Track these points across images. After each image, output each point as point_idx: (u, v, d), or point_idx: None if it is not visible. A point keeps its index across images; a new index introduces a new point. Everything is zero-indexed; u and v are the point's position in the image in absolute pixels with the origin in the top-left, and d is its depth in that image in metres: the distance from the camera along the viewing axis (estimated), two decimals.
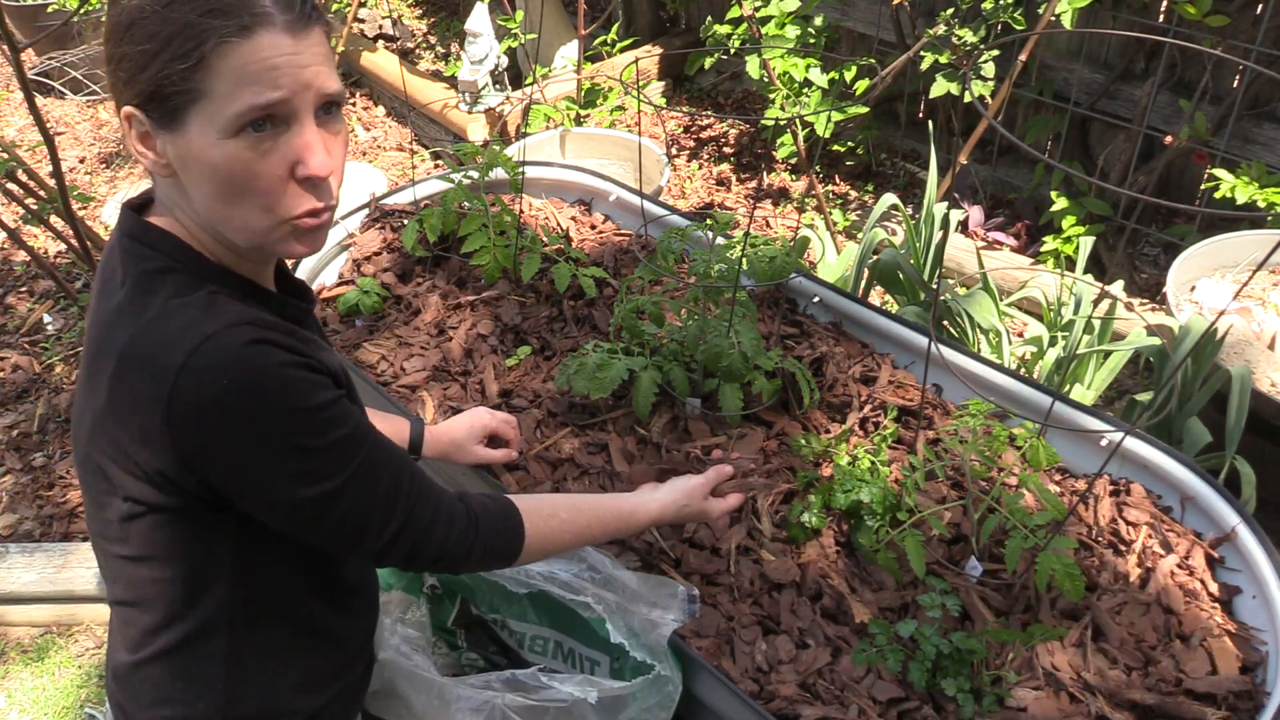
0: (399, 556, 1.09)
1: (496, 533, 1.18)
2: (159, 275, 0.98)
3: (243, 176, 0.94)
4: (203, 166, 0.94)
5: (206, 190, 0.96)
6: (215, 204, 0.96)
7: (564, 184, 2.39)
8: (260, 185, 0.95)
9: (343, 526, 1.03)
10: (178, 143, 0.94)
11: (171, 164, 0.97)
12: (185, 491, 0.97)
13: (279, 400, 0.94)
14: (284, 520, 1.01)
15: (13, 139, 4.50)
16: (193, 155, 0.94)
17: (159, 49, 0.91)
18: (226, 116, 0.92)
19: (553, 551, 1.26)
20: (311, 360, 0.98)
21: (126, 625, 1.12)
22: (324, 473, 0.99)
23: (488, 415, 1.59)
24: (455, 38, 5.28)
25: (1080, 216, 3.25)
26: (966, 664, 1.30)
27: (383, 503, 1.05)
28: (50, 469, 2.87)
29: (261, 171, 0.94)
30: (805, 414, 1.71)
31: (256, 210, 0.96)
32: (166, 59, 0.91)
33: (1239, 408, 2.00)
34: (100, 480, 1.01)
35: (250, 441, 0.94)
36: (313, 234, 1.01)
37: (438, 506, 1.12)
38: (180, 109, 0.92)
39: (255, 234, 0.98)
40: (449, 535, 1.12)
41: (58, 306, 3.51)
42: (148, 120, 0.95)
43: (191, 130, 0.93)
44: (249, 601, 1.07)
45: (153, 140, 0.96)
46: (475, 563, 1.17)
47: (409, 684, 1.38)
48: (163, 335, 0.93)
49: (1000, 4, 2.99)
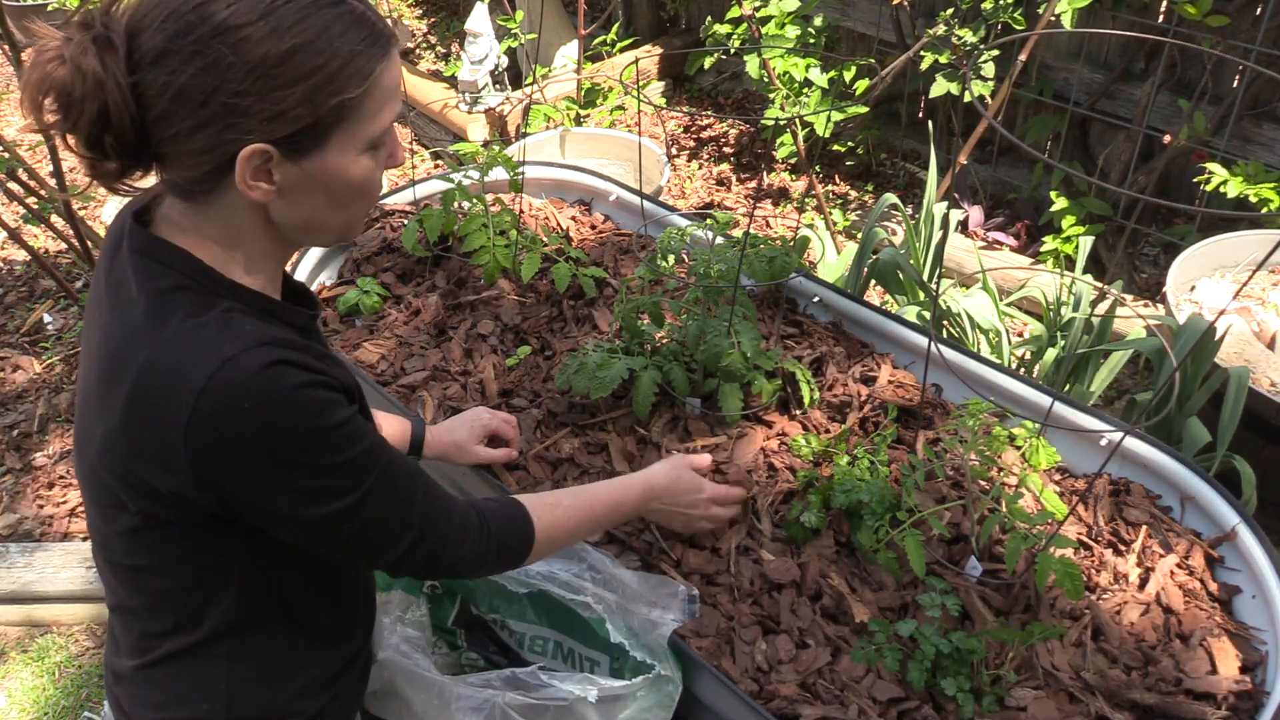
0: (416, 566, 1.10)
1: (509, 533, 1.19)
2: (173, 293, 0.97)
3: (371, 184, 1.01)
4: (337, 184, 0.98)
5: (320, 203, 0.99)
6: (328, 213, 1.01)
7: (564, 184, 2.39)
8: (376, 188, 1.03)
9: (360, 540, 1.04)
10: (307, 167, 0.96)
11: (281, 188, 0.97)
12: (198, 508, 0.98)
13: (298, 422, 0.94)
14: (301, 536, 1.02)
15: (13, 139, 4.49)
16: (329, 175, 0.97)
17: (324, 82, 0.92)
18: (373, 133, 0.98)
19: (563, 541, 1.28)
20: (328, 378, 0.98)
21: (129, 629, 1.12)
22: (342, 489, 1.00)
23: (488, 415, 1.59)
24: (455, 38, 5.28)
25: (1080, 216, 3.25)
26: (966, 664, 1.30)
27: (399, 515, 1.06)
28: (50, 469, 2.87)
29: (380, 177, 1.03)
30: (805, 414, 1.71)
31: (364, 210, 1.05)
32: (337, 88, 0.93)
33: (1234, 407, 2.00)
34: (107, 495, 1.01)
35: (270, 463, 0.95)
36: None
37: (450, 515, 1.12)
38: (325, 134, 0.95)
39: (352, 229, 1.06)
40: (464, 542, 1.13)
41: (58, 306, 3.51)
42: (276, 152, 0.93)
43: (331, 152, 0.96)
44: (253, 607, 1.07)
45: (267, 172, 0.95)
46: (490, 566, 1.18)
47: (409, 683, 1.38)
48: (181, 357, 0.93)
49: (1000, 4, 2.99)
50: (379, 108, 0.97)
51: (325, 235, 1.05)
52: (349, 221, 1.05)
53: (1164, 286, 2.51)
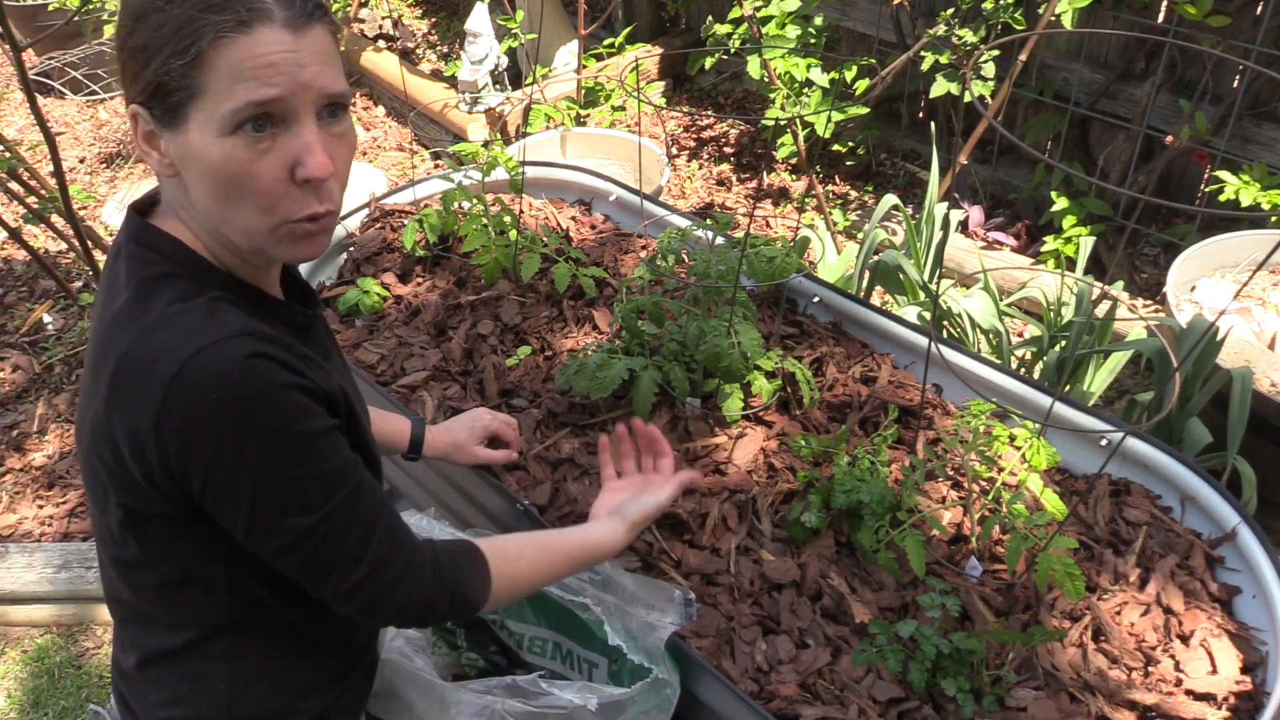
0: (358, 606, 1.03)
1: (460, 583, 1.11)
2: (161, 280, 0.97)
3: (240, 176, 0.92)
4: (201, 165, 0.93)
5: (205, 190, 0.94)
6: (214, 204, 0.95)
7: (564, 184, 2.39)
8: (258, 186, 0.93)
9: (308, 564, 0.99)
10: (178, 141, 0.93)
11: (175, 163, 0.96)
12: (173, 500, 0.96)
13: (268, 420, 0.92)
14: (252, 543, 0.99)
15: (13, 139, 4.50)
16: (192, 154, 0.93)
17: (160, 45, 0.90)
18: (223, 114, 0.90)
19: (522, 593, 1.21)
20: (309, 383, 0.95)
21: (127, 627, 1.12)
22: (299, 505, 0.96)
23: (489, 416, 1.59)
24: (455, 38, 5.28)
25: (1080, 216, 3.25)
26: (966, 664, 1.30)
27: (352, 549, 1.00)
28: (50, 469, 2.87)
29: (259, 172, 0.92)
30: (805, 414, 1.71)
31: (254, 212, 0.94)
32: (167, 55, 0.90)
33: (1240, 408, 2.00)
34: (98, 484, 1.01)
35: (232, 459, 0.92)
36: (312, 239, 0.98)
37: (407, 562, 1.06)
38: (181, 106, 0.92)
39: (253, 236, 0.96)
40: (412, 594, 1.06)
41: (58, 306, 3.51)
42: (151, 118, 0.94)
43: (191, 128, 0.92)
44: (247, 606, 1.07)
45: (157, 139, 0.95)
46: (439, 617, 1.11)
47: (410, 686, 1.38)
48: (160, 342, 0.92)
49: (1000, 4, 2.99)
50: (227, 86, 0.89)
51: (232, 234, 0.97)
52: (243, 224, 0.95)
53: (1164, 286, 2.51)
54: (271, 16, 0.90)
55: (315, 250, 1.00)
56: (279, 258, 0.99)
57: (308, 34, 0.93)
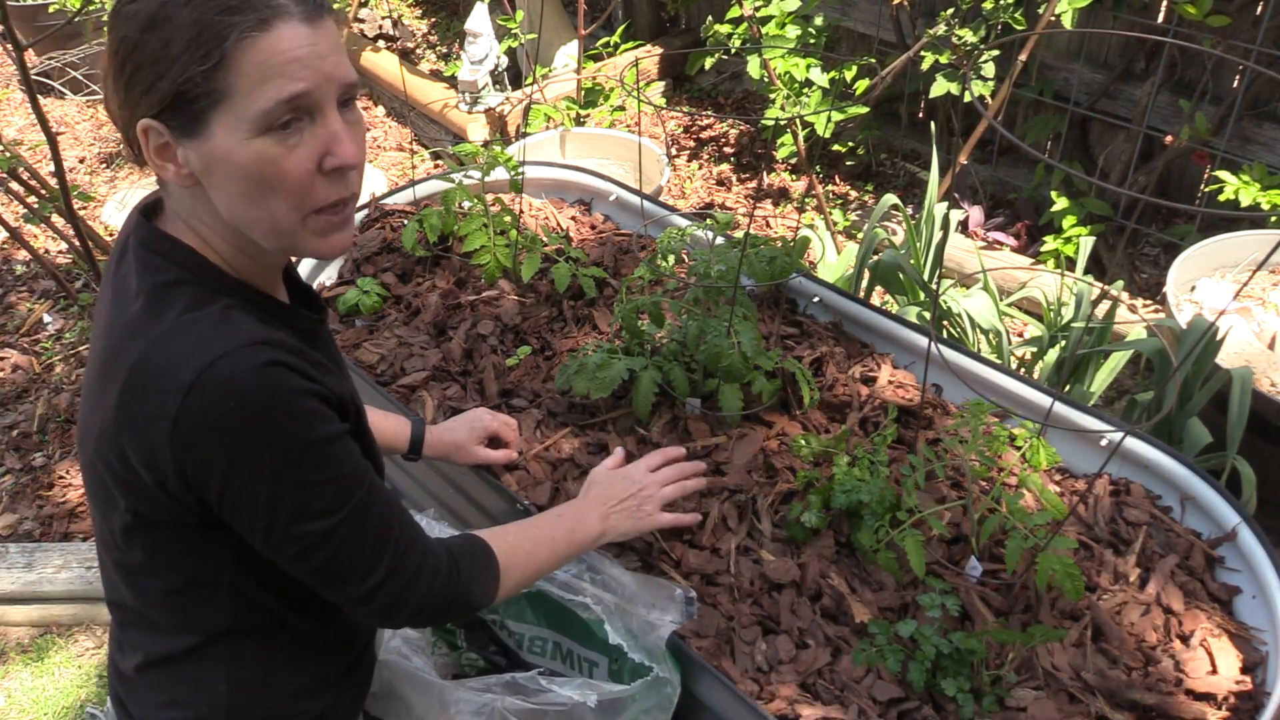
0: (377, 608, 1.05)
1: (474, 580, 1.14)
2: (173, 288, 0.97)
3: (272, 174, 0.93)
4: (230, 169, 0.92)
5: (234, 193, 0.94)
6: (244, 206, 0.95)
7: (564, 184, 2.39)
8: (290, 181, 0.94)
9: (327, 568, 1.00)
10: (201, 149, 0.93)
11: (194, 173, 0.95)
12: (184, 507, 0.96)
13: (284, 428, 0.92)
14: (271, 550, 0.99)
15: (13, 139, 4.50)
16: (219, 159, 0.92)
17: (178, 53, 0.89)
18: (254, 114, 0.90)
19: (525, 584, 1.23)
20: (322, 389, 0.96)
21: (128, 630, 1.12)
22: (316, 510, 0.97)
23: (489, 417, 1.59)
24: (455, 38, 5.28)
25: (1080, 216, 3.25)
26: (966, 664, 1.30)
27: (369, 551, 1.02)
28: (50, 469, 2.87)
29: (291, 167, 0.93)
30: (805, 414, 1.71)
31: (285, 208, 0.95)
32: (187, 62, 0.89)
33: (1240, 408, 2.00)
34: (103, 490, 1.01)
35: (248, 467, 0.93)
36: (342, 229, 1.00)
37: (423, 561, 1.08)
38: (204, 113, 0.91)
39: (283, 234, 0.97)
40: (431, 590, 1.08)
41: (58, 306, 3.51)
42: (167, 131, 0.93)
43: (215, 134, 0.91)
44: (248, 611, 1.07)
45: (172, 151, 0.94)
46: (456, 614, 1.13)
47: (409, 685, 1.39)
48: (174, 351, 0.92)
49: (1000, 4, 2.99)
50: (254, 86, 0.90)
51: (257, 234, 0.98)
52: (274, 222, 0.96)
53: (1164, 286, 2.51)
54: (289, 12, 0.91)
55: (345, 242, 1.01)
56: (309, 252, 1.00)
57: (322, 26, 0.94)
